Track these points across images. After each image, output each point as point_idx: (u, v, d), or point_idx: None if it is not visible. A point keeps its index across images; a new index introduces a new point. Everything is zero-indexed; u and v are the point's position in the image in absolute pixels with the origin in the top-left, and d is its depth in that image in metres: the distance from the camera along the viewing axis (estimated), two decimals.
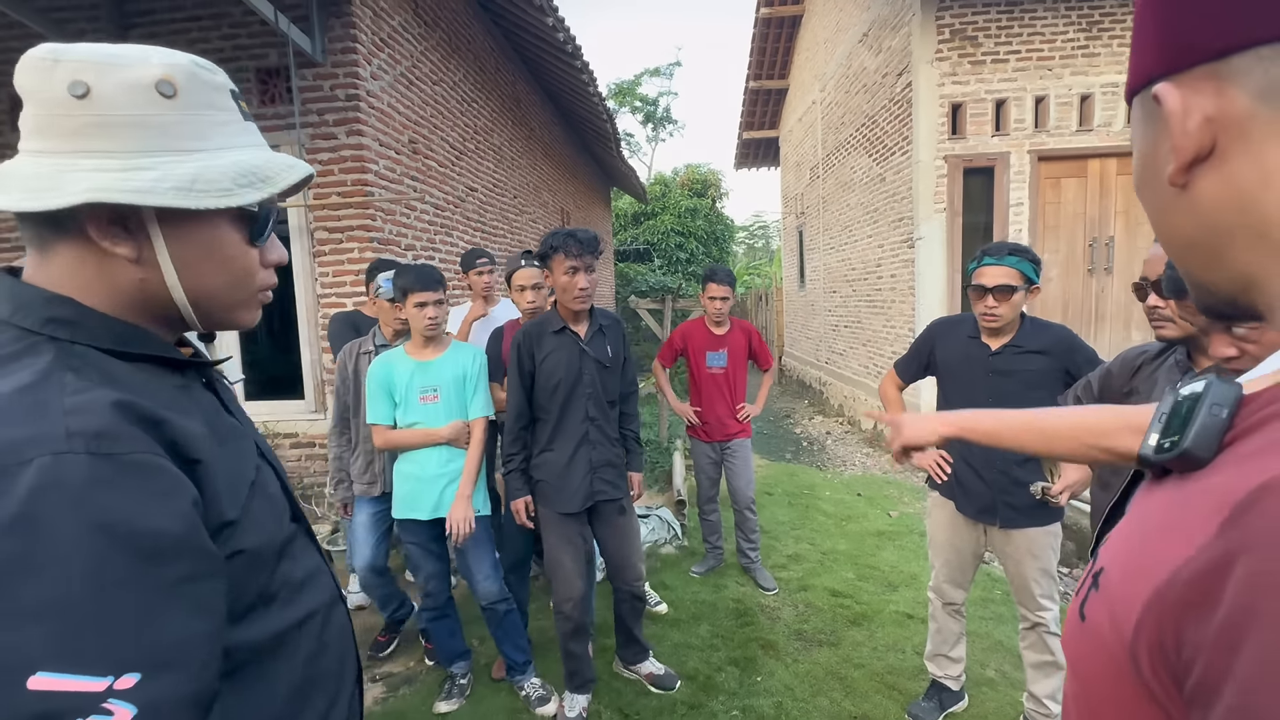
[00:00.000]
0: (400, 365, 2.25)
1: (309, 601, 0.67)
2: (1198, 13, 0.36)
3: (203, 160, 0.58)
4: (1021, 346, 2.04)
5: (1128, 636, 0.36)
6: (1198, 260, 0.41)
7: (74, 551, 0.44)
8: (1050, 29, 5.34)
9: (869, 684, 2.48)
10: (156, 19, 3.59)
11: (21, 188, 0.53)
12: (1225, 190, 0.37)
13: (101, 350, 0.56)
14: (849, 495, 4.89)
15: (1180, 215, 0.40)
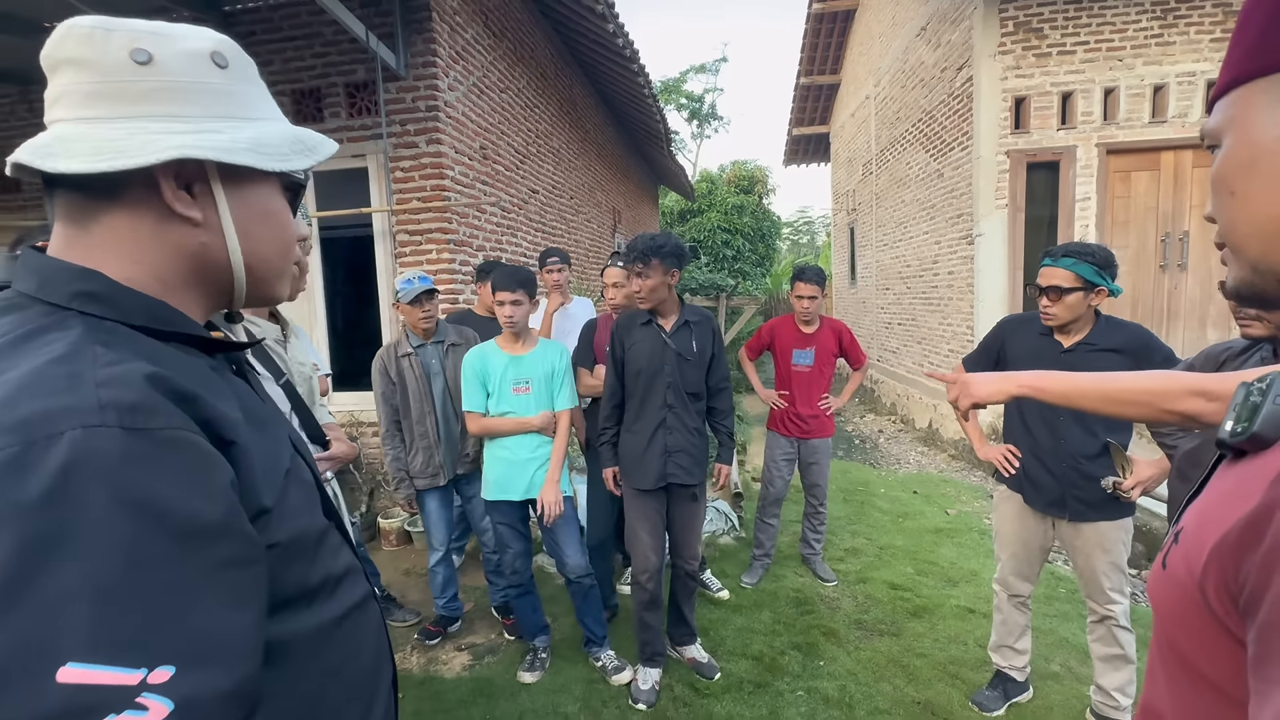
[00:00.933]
0: (494, 358, 2.44)
1: (346, 599, 0.64)
2: None
3: (257, 127, 0.60)
4: (1095, 344, 2.07)
5: (1198, 574, 0.46)
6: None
7: (107, 531, 0.41)
8: (1121, 18, 5.18)
9: (932, 672, 2.54)
10: (256, 40, 3.91)
11: (88, 151, 0.52)
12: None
13: (132, 327, 0.54)
14: (905, 493, 4.89)
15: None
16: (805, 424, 3.32)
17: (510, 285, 2.34)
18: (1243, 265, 0.49)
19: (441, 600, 2.85)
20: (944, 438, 6.29)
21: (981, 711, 2.31)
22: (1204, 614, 0.46)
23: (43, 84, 0.56)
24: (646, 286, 2.31)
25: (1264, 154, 0.44)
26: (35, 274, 0.54)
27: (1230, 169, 0.47)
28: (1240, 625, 0.42)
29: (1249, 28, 0.46)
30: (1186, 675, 0.50)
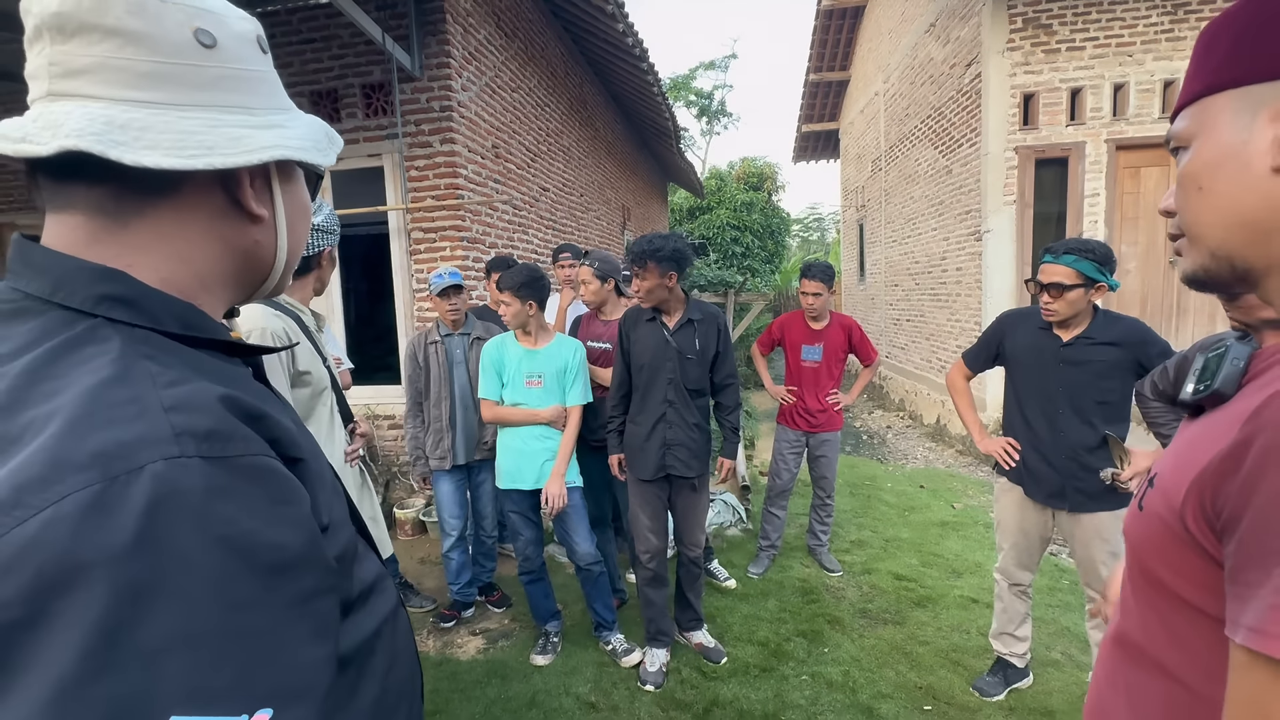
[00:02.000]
0: (511, 350, 2.53)
1: (380, 609, 0.61)
2: None
3: (296, 117, 0.57)
4: (1093, 338, 2.12)
5: (1177, 506, 0.53)
6: (1243, 238, 0.51)
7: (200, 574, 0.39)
8: (1131, 14, 5.17)
9: (934, 659, 2.60)
10: (276, 42, 4.00)
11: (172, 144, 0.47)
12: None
13: (166, 335, 0.49)
14: (911, 487, 4.94)
15: (1257, 197, 0.49)
16: (814, 418, 3.38)
17: (504, 285, 2.46)
18: (1201, 253, 0.55)
19: (456, 586, 2.95)
20: (951, 433, 6.32)
21: (982, 697, 2.37)
22: (1182, 540, 0.53)
23: None
24: (644, 288, 2.39)
25: (1230, 155, 0.51)
26: (46, 273, 0.47)
27: (1199, 167, 0.53)
28: (1216, 545, 0.49)
29: (1217, 47, 0.52)
30: (1162, 598, 0.57)
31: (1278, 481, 0.43)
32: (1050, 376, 2.18)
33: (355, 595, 0.57)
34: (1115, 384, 2.12)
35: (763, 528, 3.54)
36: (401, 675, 0.64)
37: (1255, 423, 0.47)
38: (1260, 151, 0.49)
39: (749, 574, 3.41)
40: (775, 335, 3.48)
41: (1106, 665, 0.67)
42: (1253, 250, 0.51)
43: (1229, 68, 0.51)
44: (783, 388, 3.46)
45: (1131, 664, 0.61)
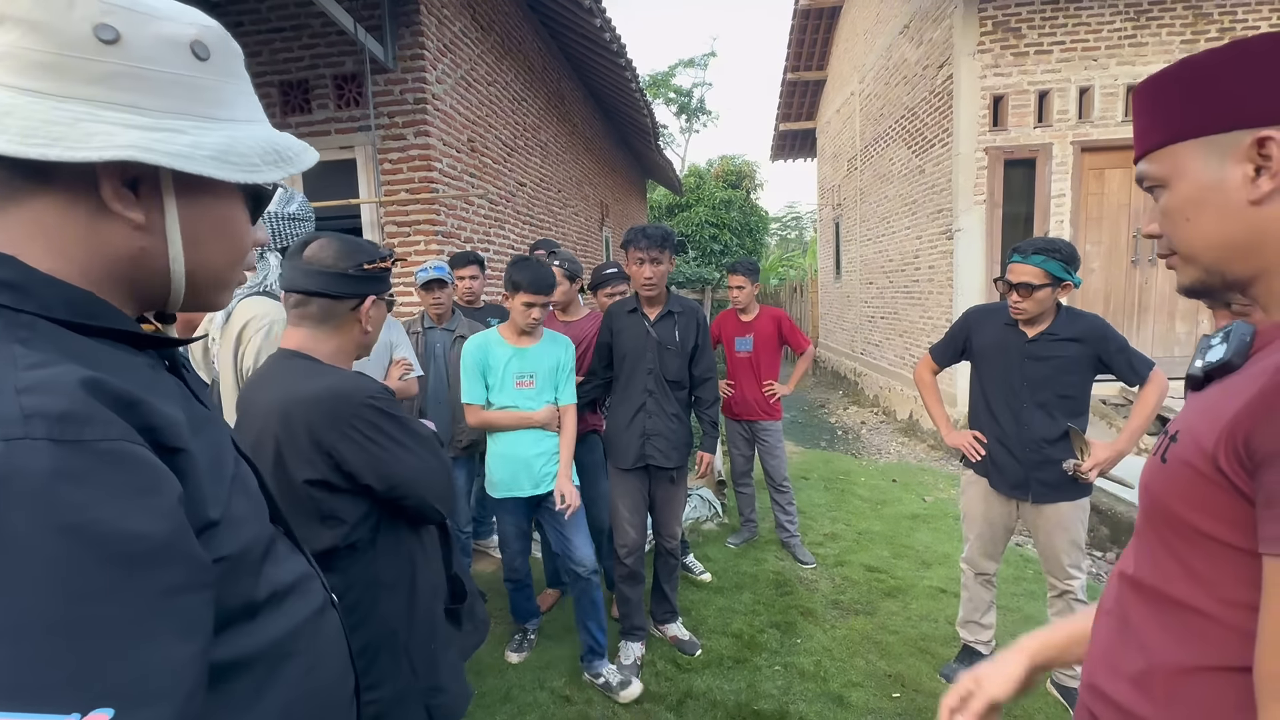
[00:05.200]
0: (497, 349, 2.34)
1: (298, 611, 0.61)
2: None
3: (229, 130, 0.54)
4: (1056, 334, 2.18)
5: (1209, 450, 0.59)
6: (1231, 257, 0.62)
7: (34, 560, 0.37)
8: (1096, 19, 5.31)
9: (903, 648, 2.66)
10: (244, 30, 3.92)
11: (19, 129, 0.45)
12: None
13: (52, 320, 0.48)
14: (884, 481, 5.03)
15: (1241, 225, 0.60)
16: (750, 407, 3.58)
17: (543, 289, 2.26)
18: (1197, 270, 0.66)
19: None
20: (923, 428, 6.44)
21: (948, 683, 2.42)
22: (1213, 482, 0.59)
23: None
24: (660, 273, 2.45)
25: (1208, 193, 0.62)
26: None
27: (1182, 204, 0.64)
28: (1248, 482, 0.56)
29: (1170, 104, 0.64)
30: (1180, 539, 0.63)
31: None
32: (1015, 371, 2.24)
33: (264, 596, 0.56)
34: (1076, 378, 2.19)
35: (739, 506, 3.85)
36: (325, 680, 0.63)
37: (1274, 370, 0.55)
38: (1235, 188, 0.60)
39: (728, 544, 3.71)
40: (715, 333, 3.65)
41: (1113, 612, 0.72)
42: (1239, 265, 0.62)
43: (1188, 122, 0.62)
44: (724, 383, 3.64)
45: (1143, 603, 0.67)
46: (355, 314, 1.21)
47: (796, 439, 6.63)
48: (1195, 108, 0.61)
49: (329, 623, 0.66)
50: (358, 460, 1.12)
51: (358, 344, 1.26)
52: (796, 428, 7.26)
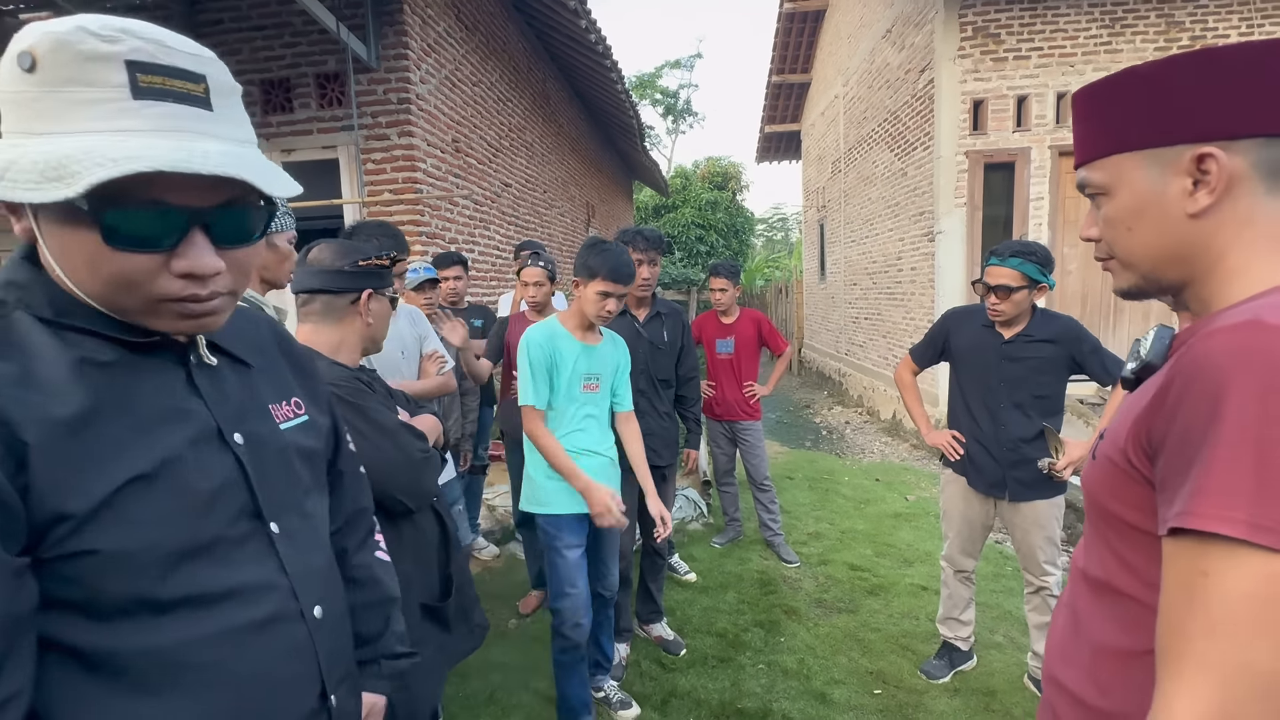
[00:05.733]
0: (566, 345, 2.01)
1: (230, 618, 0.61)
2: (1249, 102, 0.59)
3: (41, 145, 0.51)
4: (1032, 336, 2.23)
5: (1122, 445, 0.63)
6: (1170, 265, 0.66)
7: None
8: (1073, 25, 5.42)
9: (885, 645, 2.69)
10: (225, 27, 3.87)
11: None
12: (1221, 221, 0.63)
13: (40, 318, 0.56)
14: (868, 480, 5.08)
15: (1178, 236, 0.63)
16: (731, 408, 3.64)
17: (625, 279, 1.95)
18: (1134, 275, 0.70)
19: None
20: (907, 428, 6.52)
21: (928, 679, 2.46)
22: (1127, 474, 0.64)
23: None
24: (655, 274, 2.52)
25: (1148, 204, 0.65)
26: None
27: (1124, 213, 0.67)
28: (1151, 470, 0.60)
29: (1115, 115, 0.66)
30: (1112, 530, 0.67)
31: (1189, 408, 0.55)
32: (992, 372, 2.28)
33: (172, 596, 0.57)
34: (1051, 379, 2.24)
35: (723, 505, 3.89)
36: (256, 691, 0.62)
37: (1173, 370, 0.58)
38: (1174, 201, 0.63)
39: (713, 543, 3.75)
40: (696, 335, 3.70)
41: (1067, 604, 0.75)
42: (1173, 273, 0.66)
43: (1132, 134, 0.65)
44: (705, 384, 3.68)
45: (1090, 593, 0.70)
46: (355, 307, 1.31)
47: (782, 439, 6.67)
48: (1140, 120, 0.64)
49: (278, 636, 0.65)
50: None
51: (362, 336, 1.35)
52: (782, 428, 7.31)
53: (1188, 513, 0.52)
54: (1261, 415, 0.50)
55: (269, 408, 0.73)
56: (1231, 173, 0.60)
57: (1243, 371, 0.52)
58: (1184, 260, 0.65)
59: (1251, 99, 0.59)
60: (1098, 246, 0.73)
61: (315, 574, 0.72)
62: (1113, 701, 0.64)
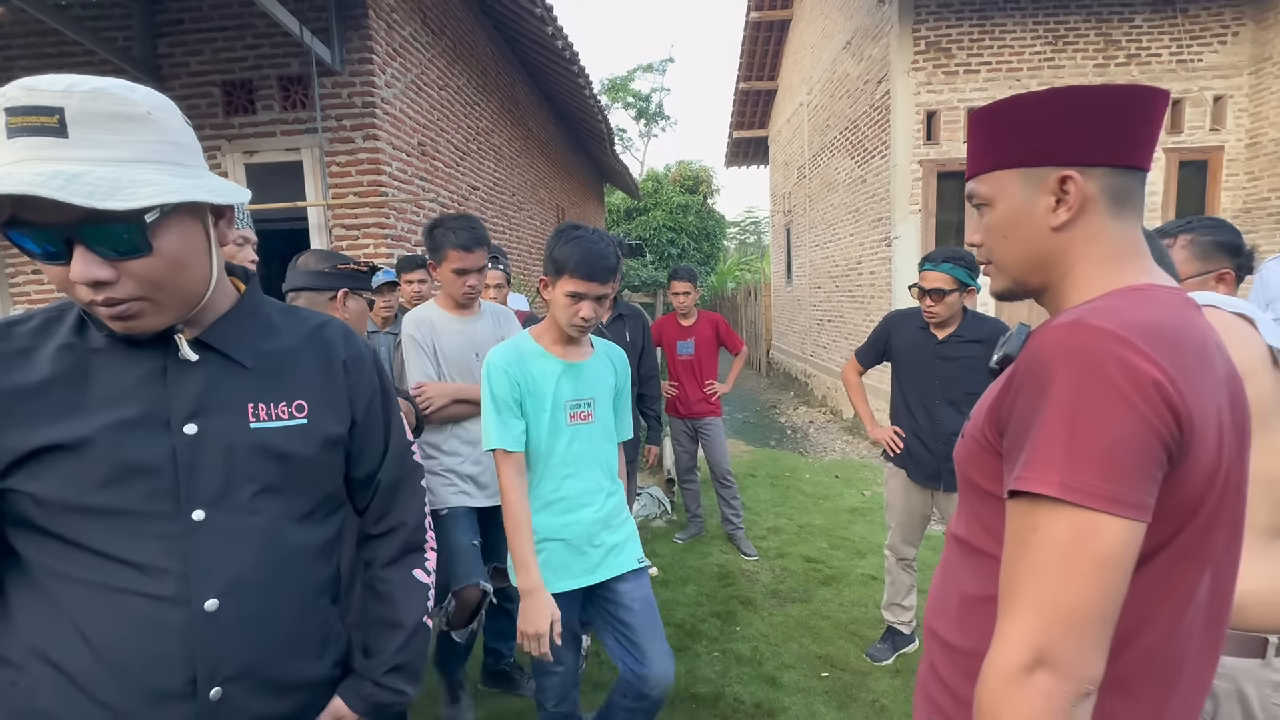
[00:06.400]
0: (540, 364, 1.56)
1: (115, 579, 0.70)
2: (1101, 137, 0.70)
3: None
4: (963, 336, 2.39)
5: (981, 424, 0.75)
6: (1034, 271, 0.76)
7: None
8: (1019, 42, 5.69)
9: (834, 632, 2.83)
10: (185, 28, 3.85)
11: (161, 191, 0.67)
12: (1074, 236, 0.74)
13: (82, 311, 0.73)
14: (827, 478, 5.25)
15: (1042, 245, 0.74)
16: (693, 406, 3.79)
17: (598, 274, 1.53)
18: (1007, 279, 0.80)
19: None
20: None
21: (873, 662, 2.60)
22: (984, 448, 0.74)
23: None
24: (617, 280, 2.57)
25: (1022, 215, 0.75)
26: None
27: (1003, 222, 0.77)
28: (1000, 444, 0.71)
29: (1000, 136, 0.76)
30: (976, 498, 0.77)
31: (1025, 392, 0.66)
32: (928, 371, 2.43)
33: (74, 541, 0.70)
34: (982, 377, 2.39)
35: (685, 502, 4.01)
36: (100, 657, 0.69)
37: (1019, 359, 0.70)
38: (1041, 214, 0.73)
39: (675, 539, 3.89)
40: (655, 338, 3.84)
41: (942, 566, 0.86)
42: (1036, 278, 0.77)
43: (1013, 153, 0.75)
44: (667, 384, 3.83)
45: (958, 553, 0.81)
46: (332, 304, 1.52)
47: (747, 438, 6.83)
48: (1018, 142, 0.74)
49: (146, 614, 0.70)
50: None
51: None
52: (748, 428, 7.47)
53: (1020, 478, 0.63)
54: (1074, 399, 0.62)
55: (247, 406, 0.78)
56: (1086, 194, 0.71)
57: (1063, 363, 0.63)
58: (1045, 268, 0.76)
59: (1103, 135, 0.71)
60: (979, 251, 0.83)
61: (230, 569, 0.74)
62: (970, 640, 0.75)
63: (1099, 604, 0.60)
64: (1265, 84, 5.52)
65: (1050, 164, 0.72)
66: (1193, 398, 0.61)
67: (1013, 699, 0.61)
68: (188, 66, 3.89)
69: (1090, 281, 0.74)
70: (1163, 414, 0.59)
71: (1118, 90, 0.71)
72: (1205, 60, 5.66)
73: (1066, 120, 0.72)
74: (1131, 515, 0.59)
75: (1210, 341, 0.68)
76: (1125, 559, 0.60)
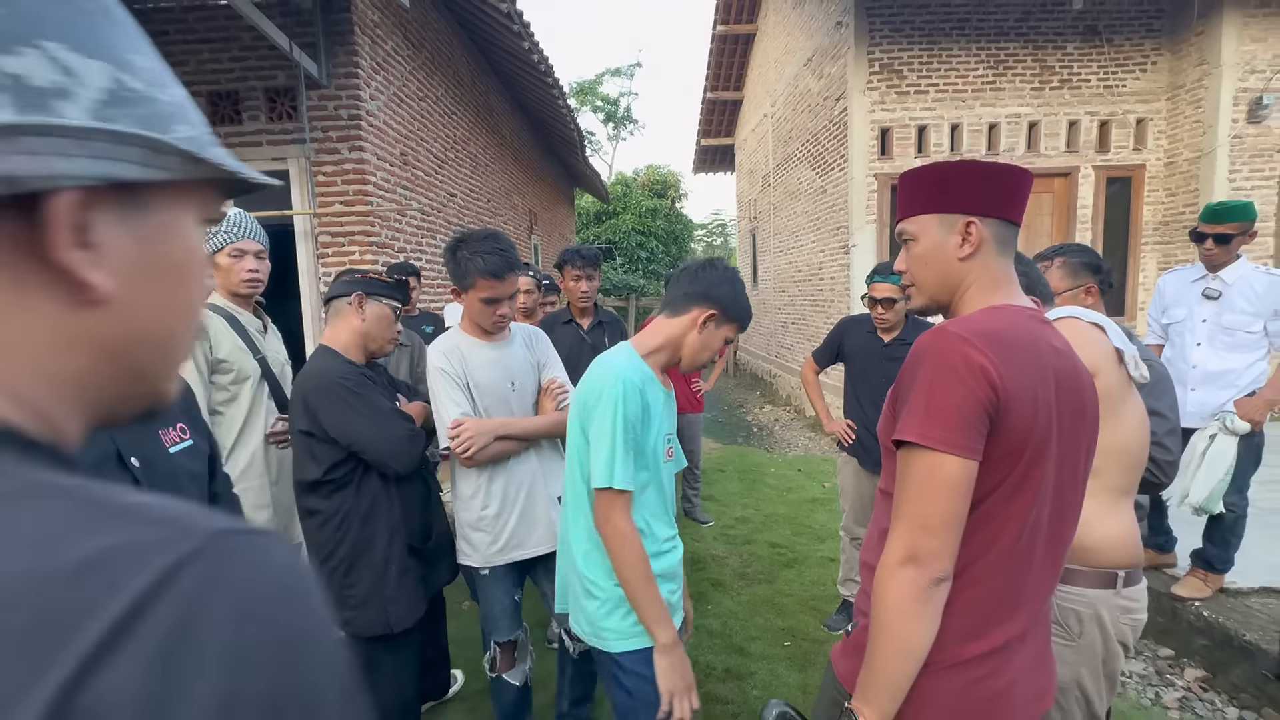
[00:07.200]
0: (654, 391, 1.38)
1: None
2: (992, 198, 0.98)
3: None
4: (905, 340, 2.71)
5: (892, 400, 1.01)
6: (944, 291, 1.02)
7: None
8: (964, 65, 6.14)
9: (796, 607, 3.13)
10: (170, 39, 3.94)
11: None
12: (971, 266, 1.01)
13: None
14: (791, 471, 5.59)
15: (951, 272, 1.00)
16: (679, 403, 4.04)
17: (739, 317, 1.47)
18: (925, 297, 1.07)
19: None
20: None
21: (830, 631, 2.90)
22: (890, 419, 1.00)
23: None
24: (594, 288, 2.87)
25: (938, 249, 1.02)
26: None
27: (924, 254, 1.04)
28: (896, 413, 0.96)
29: (927, 188, 1.02)
30: (888, 455, 1.03)
31: (908, 374, 0.95)
32: (876, 369, 2.75)
33: None
34: None
35: None
36: None
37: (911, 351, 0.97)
38: (952, 249, 1.01)
39: None
40: None
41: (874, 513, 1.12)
42: (945, 296, 1.05)
43: (934, 203, 1.02)
44: None
45: (882, 501, 1.07)
46: (351, 308, 1.74)
47: (716, 436, 7.13)
48: (938, 195, 1.01)
49: None
50: (327, 419, 1.59)
51: (359, 333, 1.73)
52: (717, 426, 7.78)
53: (898, 431, 0.92)
54: (932, 379, 0.90)
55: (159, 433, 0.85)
56: (982, 236, 0.99)
57: (928, 355, 0.92)
58: (951, 289, 1.03)
59: (995, 196, 1.00)
60: (904, 275, 1.11)
61: None
62: (875, 556, 1.03)
63: (947, 517, 0.88)
64: (1180, 109, 6.09)
65: (960, 212, 1.01)
66: (1010, 380, 0.89)
67: (891, 583, 0.90)
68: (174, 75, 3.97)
69: (976, 301, 1.02)
70: (985, 389, 0.88)
71: (1005, 166, 1.01)
72: (1129, 86, 6.20)
73: (973, 183, 1.00)
74: (965, 455, 0.88)
75: (1041, 344, 0.97)
76: (963, 485, 0.88)
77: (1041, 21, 6.07)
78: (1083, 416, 1.01)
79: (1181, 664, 2.58)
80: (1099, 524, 1.35)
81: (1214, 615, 2.52)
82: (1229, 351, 2.61)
